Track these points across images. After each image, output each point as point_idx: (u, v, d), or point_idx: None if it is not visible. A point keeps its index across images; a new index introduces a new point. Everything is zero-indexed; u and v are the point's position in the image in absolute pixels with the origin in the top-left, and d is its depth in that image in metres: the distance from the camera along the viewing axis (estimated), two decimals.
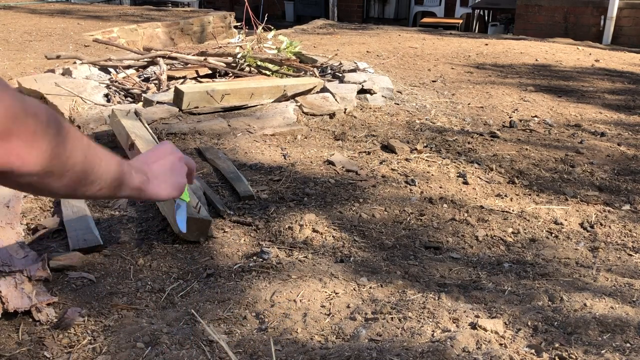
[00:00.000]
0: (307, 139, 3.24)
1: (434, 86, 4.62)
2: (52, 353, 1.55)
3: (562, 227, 2.44)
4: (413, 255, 2.18)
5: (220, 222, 2.28)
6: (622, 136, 3.61)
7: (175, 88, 3.46)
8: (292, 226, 2.26)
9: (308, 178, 2.72)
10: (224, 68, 4.30)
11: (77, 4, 9.91)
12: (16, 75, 4.16)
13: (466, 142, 3.31)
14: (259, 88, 3.63)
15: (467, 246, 2.26)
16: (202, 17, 7.71)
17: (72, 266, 1.93)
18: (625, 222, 2.49)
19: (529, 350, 1.54)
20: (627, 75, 5.41)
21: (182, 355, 1.52)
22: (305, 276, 1.93)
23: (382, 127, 3.50)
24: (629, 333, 1.64)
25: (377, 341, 1.59)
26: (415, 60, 5.60)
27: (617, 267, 2.12)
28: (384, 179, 2.77)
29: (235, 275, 1.95)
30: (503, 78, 5.04)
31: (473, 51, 6.15)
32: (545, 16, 8.54)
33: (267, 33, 5.02)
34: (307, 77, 4.14)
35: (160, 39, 6.71)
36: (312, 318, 1.71)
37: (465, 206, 2.56)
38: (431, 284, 1.96)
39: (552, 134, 3.56)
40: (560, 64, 5.73)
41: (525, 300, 1.83)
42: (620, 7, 7.97)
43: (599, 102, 4.39)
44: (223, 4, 12.66)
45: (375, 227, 2.35)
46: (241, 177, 2.62)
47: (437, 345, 1.52)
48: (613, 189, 2.83)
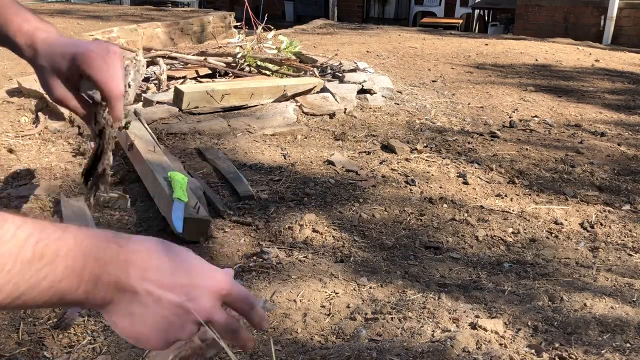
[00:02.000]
0: (307, 139, 3.24)
1: (434, 86, 4.62)
2: (52, 353, 1.55)
3: (562, 227, 2.44)
4: (413, 255, 2.18)
5: (220, 222, 2.28)
6: (622, 136, 3.61)
7: (175, 88, 3.46)
8: (292, 226, 2.26)
9: (308, 178, 2.72)
10: (224, 68, 4.30)
11: (77, 4, 9.91)
12: (16, 75, 4.16)
13: (466, 142, 3.31)
14: (259, 88, 3.63)
15: (467, 246, 2.26)
16: (202, 17, 7.71)
17: None
18: (625, 222, 2.49)
19: (529, 350, 1.54)
20: (627, 75, 5.41)
21: None
22: (305, 276, 1.93)
23: (382, 127, 3.50)
24: (629, 333, 1.64)
25: (377, 341, 1.59)
26: (415, 60, 5.60)
27: (617, 267, 2.12)
28: (384, 179, 2.77)
29: (236, 275, 1.95)
30: (503, 78, 5.03)
31: (473, 51, 6.15)
32: (545, 16, 8.54)
33: (267, 33, 5.02)
34: (307, 77, 4.14)
35: (160, 39, 6.71)
36: (312, 318, 1.71)
37: (465, 206, 2.56)
38: (431, 284, 1.96)
39: (552, 134, 3.56)
40: (560, 64, 5.73)
41: (525, 300, 1.83)
42: (620, 7, 7.96)
43: (599, 102, 4.39)
44: (223, 4, 12.66)
45: (375, 227, 2.34)
46: (241, 177, 2.62)
47: (437, 345, 1.52)
48: (613, 189, 2.83)
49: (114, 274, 0.57)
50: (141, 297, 0.58)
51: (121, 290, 0.58)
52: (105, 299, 0.58)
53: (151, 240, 0.64)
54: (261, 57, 4.42)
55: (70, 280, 0.54)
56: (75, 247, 0.54)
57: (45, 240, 0.52)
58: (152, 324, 0.60)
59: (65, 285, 0.54)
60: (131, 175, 2.63)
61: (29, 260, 0.51)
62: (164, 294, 0.59)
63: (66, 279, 0.54)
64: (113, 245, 0.58)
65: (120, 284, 0.57)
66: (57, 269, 0.53)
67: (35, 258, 0.51)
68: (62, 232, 0.54)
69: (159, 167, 2.41)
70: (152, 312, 0.59)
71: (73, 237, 0.55)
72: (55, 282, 0.53)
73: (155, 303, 0.59)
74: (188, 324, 0.62)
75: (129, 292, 0.58)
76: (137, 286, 0.58)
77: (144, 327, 0.60)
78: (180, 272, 0.62)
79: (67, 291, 0.54)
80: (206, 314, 0.63)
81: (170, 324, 0.61)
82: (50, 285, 0.53)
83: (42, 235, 0.52)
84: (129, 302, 0.58)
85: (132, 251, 0.59)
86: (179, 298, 0.60)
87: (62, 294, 0.54)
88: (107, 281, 0.57)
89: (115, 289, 0.57)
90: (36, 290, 0.52)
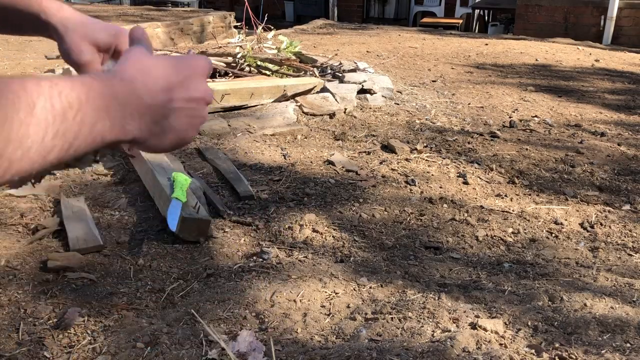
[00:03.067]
0: (307, 139, 3.24)
1: (434, 86, 4.62)
2: (52, 353, 1.55)
3: (562, 227, 2.44)
4: (413, 255, 2.18)
5: (220, 222, 2.28)
6: (622, 136, 3.61)
7: None
8: (292, 226, 2.26)
9: (308, 178, 2.72)
10: (224, 68, 4.30)
11: (76, 4, 9.91)
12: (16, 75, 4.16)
13: (466, 142, 3.31)
14: (259, 88, 3.63)
15: (467, 246, 2.26)
16: (202, 17, 7.71)
17: (72, 266, 1.93)
18: (625, 222, 2.49)
19: (529, 350, 1.54)
20: (627, 75, 5.41)
21: (182, 355, 1.52)
22: (305, 276, 1.93)
23: (382, 127, 3.50)
24: (629, 333, 1.64)
25: (377, 341, 1.59)
26: (415, 60, 5.60)
27: (617, 267, 2.12)
28: (384, 179, 2.77)
29: (235, 275, 1.95)
30: (503, 78, 5.03)
31: (473, 51, 6.15)
32: (545, 16, 8.54)
33: (267, 33, 5.02)
34: (307, 77, 4.14)
35: (160, 38, 6.71)
36: (312, 318, 1.71)
37: (465, 206, 2.56)
38: (431, 284, 1.96)
39: (552, 134, 3.56)
40: (560, 64, 5.73)
41: (525, 300, 1.83)
42: (620, 7, 7.96)
43: (599, 102, 4.39)
44: (223, 4, 12.65)
45: (375, 227, 2.34)
46: (241, 177, 2.62)
47: (437, 345, 1.52)
48: (613, 189, 2.83)
49: (132, 100, 0.60)
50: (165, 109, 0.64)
51: (145, 113, 0.62)
52: (141, 129, 0.62)
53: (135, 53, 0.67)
54: (261, 57, 4.42)
55: (103, 121, 0.57)
56: (91, 91, 0.56)
57: (65, 91, 0.54)
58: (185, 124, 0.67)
59: (101, 127, 0.57)
60: (131, 175, 2.63)
61: (63, 110, 0.53)
62: (178, 94, 0.65)
63: (100, 121, 0.56)
64: (114, 79, 0.61)
65: (141, 106, 0.61)
66: (88, 113, 0.55)
67: (66, 108, 0.53)
68: (71, 82, 0.56)
69: (159, 167, 2.41)
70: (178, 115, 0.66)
71: (81, 83, 0.56)
72: (92, 125, 0.56)
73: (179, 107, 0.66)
74: (204, 108, 0.71)
75: (155, 108, 0.63)
76: (155, 100, 0.63)
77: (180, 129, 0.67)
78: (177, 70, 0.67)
79: (104, 132, 0.57)
80: (210, 96, 0.71)
81: (195, 116, 0.69)
82: (89, 130, 0.55)
83: (59, 87, 0.54)
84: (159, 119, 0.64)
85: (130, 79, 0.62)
86: (189, 93, 0.67)
87: (101, 135, 0.57)
88: (131, 110, 0.60)
89: (139, 114, 0.61)
90: (80, 138, 0.55)
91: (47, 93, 0.52)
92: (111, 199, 2.46)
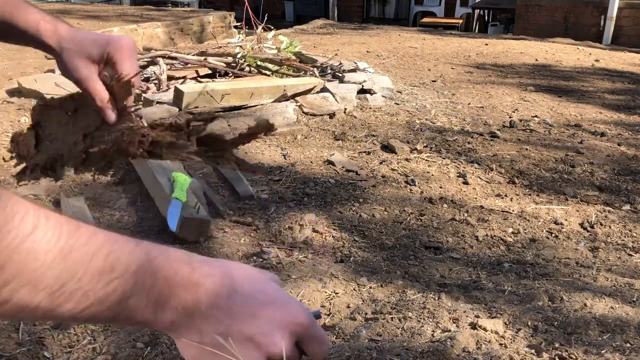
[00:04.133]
0: (307, 139, 3.24)
1: (434, 86, 4.62)
2: (52, 353, 1.55)
3: (562, 227, 2.44)
4: (413, 255, 2.18)
5: (220, 222, 2.28)
6: (622, 136, 3.61)
7: (175, 88, 3.46)
8: (292, 226, 2.26)
9: (308, 178, 2.72)
10: (224, 68, 4.30)
11: (76, 4, 9.91)
12: (16, 75, 4.16)
13: (466, 142, 3.31)
14: (259, 88, 3.63)
15: (467, 246, 2.26)
16: (202, 17, 7.70)
17: None
18: (625, 222, 2.49)
19: (529, 350, 1.54)
20: (627, 75, 5.41)
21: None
22: (305, 276, 1.93)
23: (382, 127, 3.50)
24: (629, 333, 1.64)
25: (377, 341, 1.59)
26: (415, 60, 5.60)
27: (617, 267, 2.12)
28: (384, 179, 2.77)
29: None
30: (503, 78, 5.03)
31: (473, 51, 6.15)
32: (545, 16, 8.54)
33: (267, 33, 5.02)
34: (307, 77, 4.14)
35: (160, 39, 6.71)
36: None
37: (465, 206, 2.56)
38: (431, 284, 1.96)
39: (552, 134, 3.56)
40: (560, 64, 5.73)
41: (525, 300, 1.83)
42: (620, 7, 7.96)
43: (599, 102, 4.39)
44: (223, 4, 12.65)
45: (375, 227, 2.35)
46: (241, 177, 2.62)
47: (437, 345, 1.52)
48: (613, 189, 2.83)
49: (184, 297, 0.53)
50: (210, 325, 0.54)
51: (190, 316, 0.54)
52: (174, 322, 0.53)
53: (228, 264, 0.59)
54: (261, 57, 4.41)
55: (139, 297, 0.51)
56: (147, 264, 0.51)
57: (117, 253, 0.50)
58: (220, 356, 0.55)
59: (134, 302, 0.51)
60: (131, 175, 2.63)
61: (100, 271, 0.48)
62: (233, 323, 0.55)
63: (135, 296, 0.51)
64: (185, 267, 0.54)
65: (189, 309, 0.53)
66: (127, 284, 0.50)
67: (106, 270, 0.49)
68: (134, 246, 0.52)
69: (159, 167, 2.41)
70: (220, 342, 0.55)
71: (145, 253, 0.52)
72: (124, 297, 0.50)
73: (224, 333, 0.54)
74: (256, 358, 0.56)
75: (198, 318, 0.54)
76: (206, 312, 0.54)
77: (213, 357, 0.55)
78: (254, 301, 0.56)
79: (135, 309, 0.51)
80: (277, 351, 0.56)
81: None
82: (118, 300, 0.50)
83: (115, 247, 0.50)
84: (198, 329, 0.54)
85: (204, 274, 0.55)
86: (249, 330, 0.55)
87: (130, 311, 0.51)
88: (176, 304, 0.53)
89: (184, 314, 0.53)
90: (105, 304, 0.50)
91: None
92: (111, 198, 2.46)
